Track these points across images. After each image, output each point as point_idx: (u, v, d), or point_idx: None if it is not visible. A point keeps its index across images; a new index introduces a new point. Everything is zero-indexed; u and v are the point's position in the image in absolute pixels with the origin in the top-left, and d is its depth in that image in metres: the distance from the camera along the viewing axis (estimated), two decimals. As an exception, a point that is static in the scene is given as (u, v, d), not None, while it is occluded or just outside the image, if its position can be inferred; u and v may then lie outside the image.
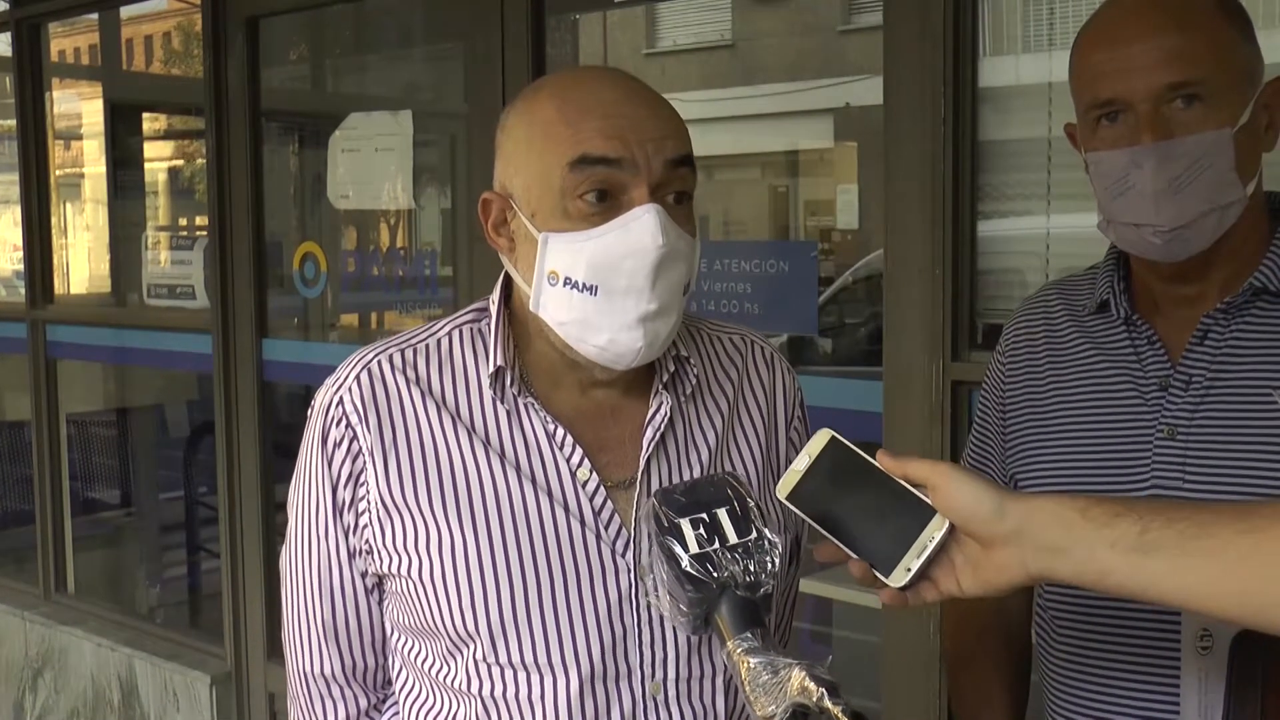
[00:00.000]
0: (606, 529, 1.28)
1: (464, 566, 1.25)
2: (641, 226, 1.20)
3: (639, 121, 1.23)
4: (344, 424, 1.30)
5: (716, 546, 1.10)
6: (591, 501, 1.28)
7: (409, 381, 1.31)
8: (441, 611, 1.26)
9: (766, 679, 1.02)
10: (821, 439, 1.17)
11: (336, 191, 3.82)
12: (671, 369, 1.33)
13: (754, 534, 1.11)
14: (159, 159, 5.31)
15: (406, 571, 1.27)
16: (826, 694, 0.98)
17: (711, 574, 1.08)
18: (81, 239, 5.10)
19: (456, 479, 1.28)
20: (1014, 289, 2.56)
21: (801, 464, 1.16)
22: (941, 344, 2.45)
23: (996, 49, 2.55)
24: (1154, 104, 1.31)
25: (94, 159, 5.09)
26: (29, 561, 4.84)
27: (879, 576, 1.12)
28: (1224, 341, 1.37)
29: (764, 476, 1.38)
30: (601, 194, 1.21)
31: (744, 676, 1.04)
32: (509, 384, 1.30)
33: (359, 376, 1.32)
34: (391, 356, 1.33)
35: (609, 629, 1.26)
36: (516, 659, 1.25)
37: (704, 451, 1.34)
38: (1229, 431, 1.33)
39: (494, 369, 1.29)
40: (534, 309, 1.27)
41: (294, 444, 1.37)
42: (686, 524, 1.11)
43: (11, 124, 4.74)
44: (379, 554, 1.30)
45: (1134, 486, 1.36)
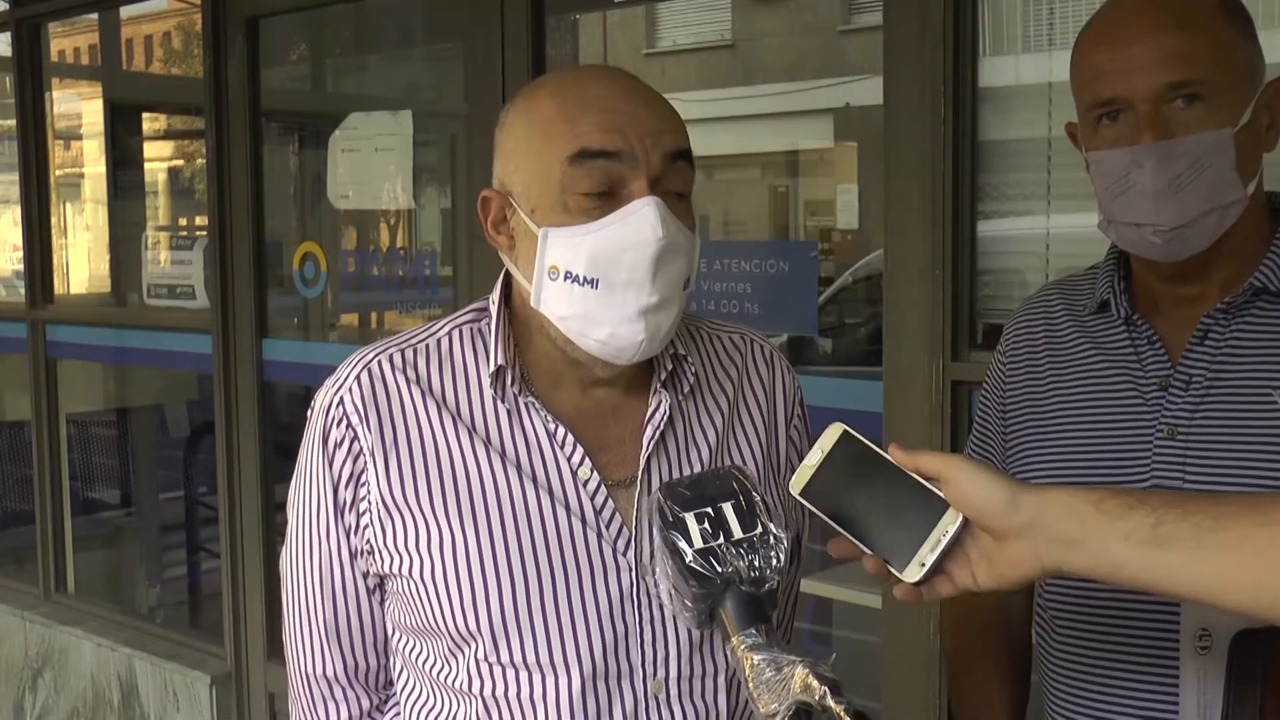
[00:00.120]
0: (607, 528, 1.28)
1: (465, 566, 1.25)
2: (641, 219, 1.20)
3: (637, 116, 1.23)
4: (344, 424, 1.30)
5: (721, 541, 1.09)
6: (592, 500, 1.28)
7: (409, 381, 1.31)
8: (443, 611, 1.26)
9: (770, 676, 1.01)
10: (834, 433, 1.15)
11: (336, 191, 3.81)
12: (669, 367, 1.33)
13: (759, 529, 1.10)
14: (159, 159, 5.31)
15: (408, 571, 1.27)
16: (829, 692, 0.97)
17: (716, 569, 1.07)
18: (81, 239, 5.10)
19: (457, 478, 1.28)
20: (1014, 289, 2.56)
21: (814, 459, 1.14)
22: (941, 344, 2.45)
23: (996, 49, 2.55)
24: (1154, 103, 1.31)
25: (94, 159, 5.09)
26: (29, 561, 4.84)
27: (893, 572, 1.10)
28: (1224, 341, 1.37)
29: (764, 475, 1.38)
30: (601, 187, 1.21)
31: (748, 673, 1.03)
32: (509, 383, 1.30)
33: (359, 377, 1.32)
34: (391, 356, 1.33)
35: (610, 627, 1.26)
36: (518, 658, 1.25)
37: (704, 450, 1.34)
38: (1229, 431, 1.34)
39: (494, 368, 1.29)
40: (535, 305, 1.27)
41: (294, 444, 1.37)
42: (691, 518, 1.10)
43: (11, 124, 4.74)
44: (380, 554, 1.30)
45: (1134, 486, 1.36)
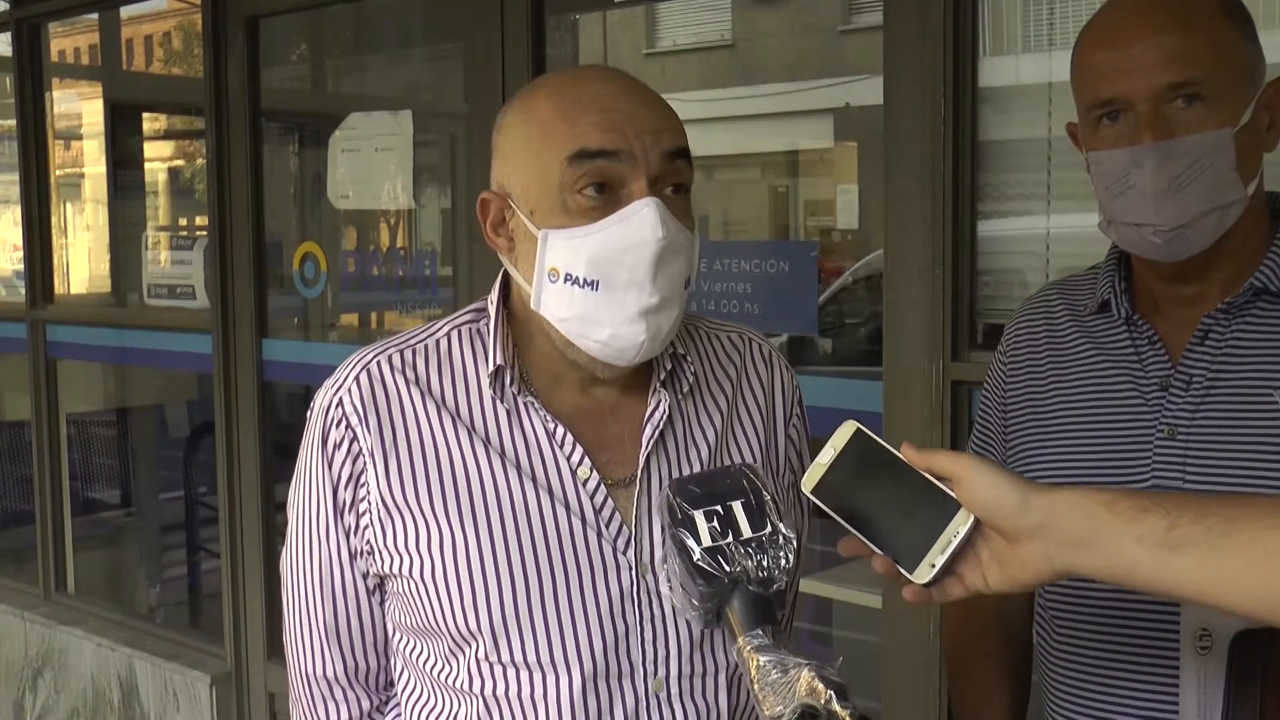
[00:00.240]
0: (607, 527, 1.28)
1: (465, 566, 1.25)
2: (641, 219, 1.20)
3: (635, 115, 1.23)
4: (344, 425, 1.30)
5: (730, 540, 1.08)
6: (592, 499, 1.28)
7: (409, 382, 1.31)
8: (443, 611, 1.26)
9: (775, 678, 1.00)
10: (846, 431, 1.13)
11: (336, 191, 3.81)
12: (668, 366, 1.33)
13: (768, 528, 1.08)
14: (159, 159, 5.31)
15: (408, 571, 1.27)
16: (835, 696, 0.96)
17: (724, 568, 1.06)
18: (81, 239, 5.10)
19: (457, 478, 1.28)
20: (1014, 289, 2.56)
21: (826, 457, 1.13)
22: (941, 344, 2.45)
23: (996, 49, 2.55)
24: (1154, 104, 1.31)
25: (94, 159, 5.08)
26: (29, 561, 4.84)
27: (903, 573, 1.09)
28: (1224, 342, 1.37)
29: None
30: (600, 187, 1.21)
31: (753, 674, 1.02)
32: (508, 383, 1.30)
33: (358, 377, 1.32)
34: (391, 357, 1.33)
35: (611, 626, 1.26)
36: (519, 658, 1.25)
37: (703, 449, 1.34)
38: (1229, 431, 1.33)
39: (493, 368, 1.29)
40: (535, 307, 1.27)
41: (294, 444, 1.37)
42: (700, 516, 1.09)
43: (11, 124, 4.74)
44: (380, 554, 1.29)
45: (1134, 486, 1.36)
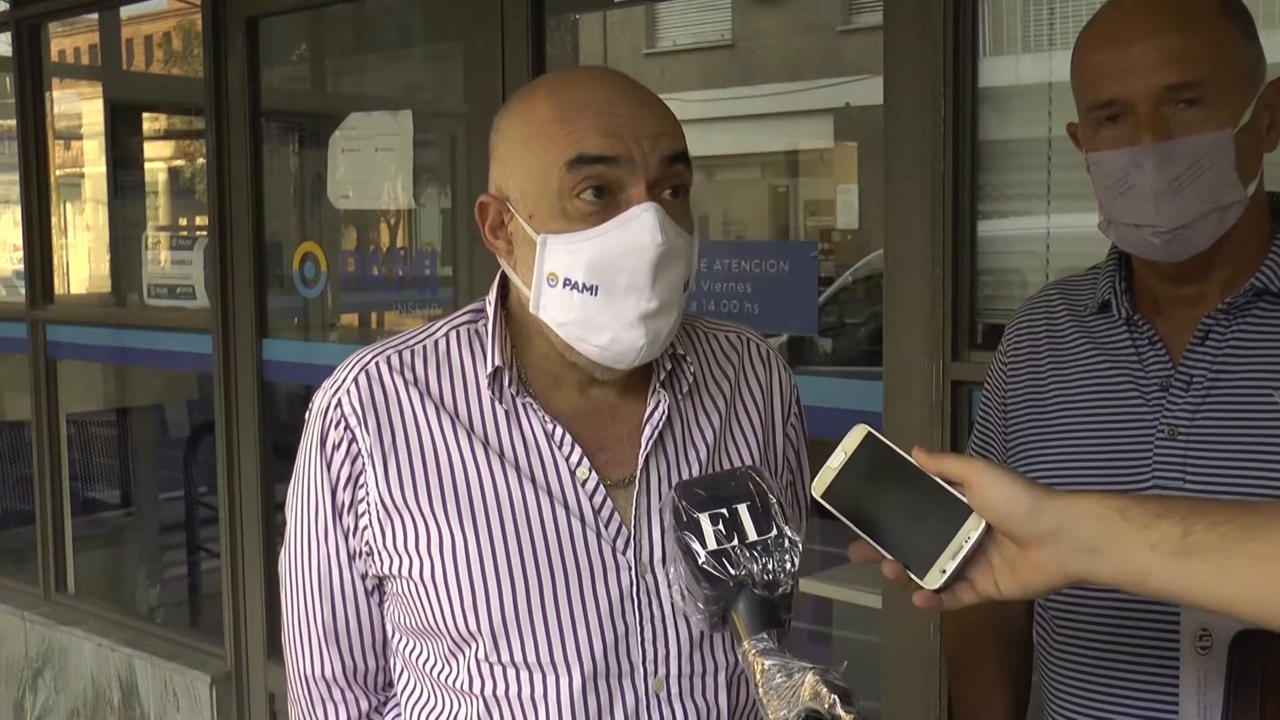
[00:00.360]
0: (606, 527, 1.28)
1: (465, 566, 1.25)
2: (640, 225, 1.20)
3: (634, 118, 1.23)
4: (343, 426, 1.30)
5: (735, 543, 1.07)
6: (591, 500, 1.28)
7: (407, 383, 1.31)
8: (443, 612, 1.26)
9: (780, 681, 0.99)
10: (857, 435, 1.13)
11: (336, 191, 3.81)
12: (668, 367, 1.33)
13: (774, 531, 1.08)
14: (159, 159, 5.31)
15: (407, 572, 1.27)
16: (839, 701, 0.96)
17: (729, 571, 1.06)
18: (81, 239, 5.10)
19: (456, 479, 1.28)
20: (1014, 289, 2.56)
21: (836, 461, 1.12)
22: (941, 344, 2.45)
23: (996, 49, 2.55)
24: (1154, 104, 1.31)
25: (94, 159, 5.08)
26: (29, 561, 4.84)
27: (913, 579, 1.08)
28: (1225, 342, 1.37)
29: None
30: (599, 191, 1.21)
31: (758, 678, 1.01)
32: (507, 384, 1.30)
33: (357, 378, 1.32)
34: (389, 358, 1.33)
35: (610, 626, 1.26)
36: (519, 658, 1.25)
37: (702, 449, 1.34)
38: (1230, 432, 1.33)
39: (492, 369, 1.29)
40: (534, 311, 1.27)
41: (294, 444, 1.37)
42: (706, 519, 1.08)
43: (11, 124, 4.74)
44: (379, 555, 1.29)
45: (1135, 486, 1.36)
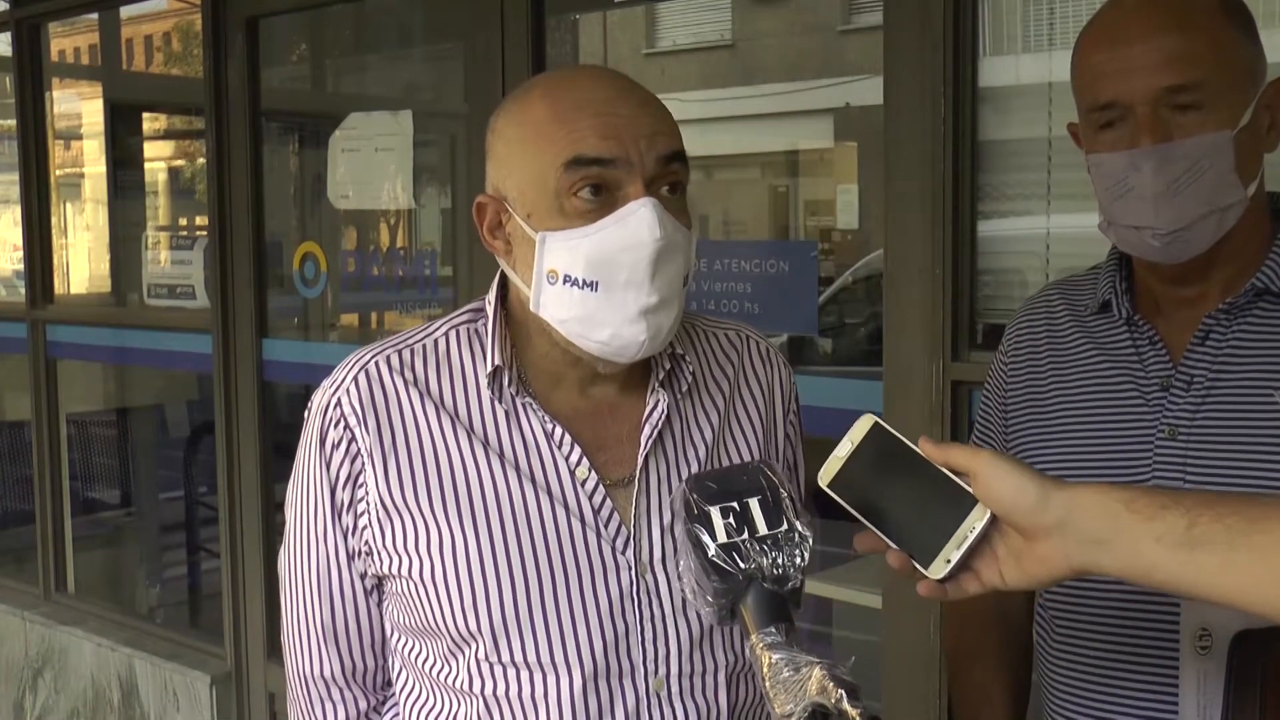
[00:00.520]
0: (606, 527, 1.28)
1: (465, 566, 1.25)
2: (638, 220, 1.20)
3: (631, 118, 1.23)
4: (342, 425, 1.30)
5: (745, 537, 1.07)
6: (591, 500, 1.28)
7: (407, 382, 1.31)
8: (443, 611, 1.26)
9: (787, 676, 0.99)
10: (864, 425, 1.13)
11: (336, 191, 3.81)
12: (667, 366, 1.33)
13: (785, 525, 1.08)
14: (159, 159, 5.31)
15: (407, 572, 1.27)
16: (846, 696, 0.96)
17: (738, 565, 1.05)
18: (81, 239, 5.10)
19: (456, 479, 1.28)
20: (1014, 289, 2.56)
21: (843, 450, 1.13)
22: (941, 344, 2.45)
23: (996, 49, 2.55)
24: (1153, 106, 1.30)
25: (94, 159, 5.08)
26: (29, 561, 4.84)
27: (918, 568, 1.09)
28: (1225, 342, 1.37)
29: None
30: (596, 188, 1.21)
31: (765, 672, 1.01)
32: (507, 384, 1.30)
33: (357, 378, 1.32)
34: (389, 357, 1.33)
35: (610, 626, 1.26)
36: (519, 658, 1.25)
37: (701, 448, 1.34)
38: (1230, 432, 1.33)
39: (491, 369, 1.29)
40: (534, 309, 1.27)
41: (294, 444, 1.37)
42: (716, 512, 1.08)
43: (11, 124, 4.74)
44: (379, 555, 1.29)
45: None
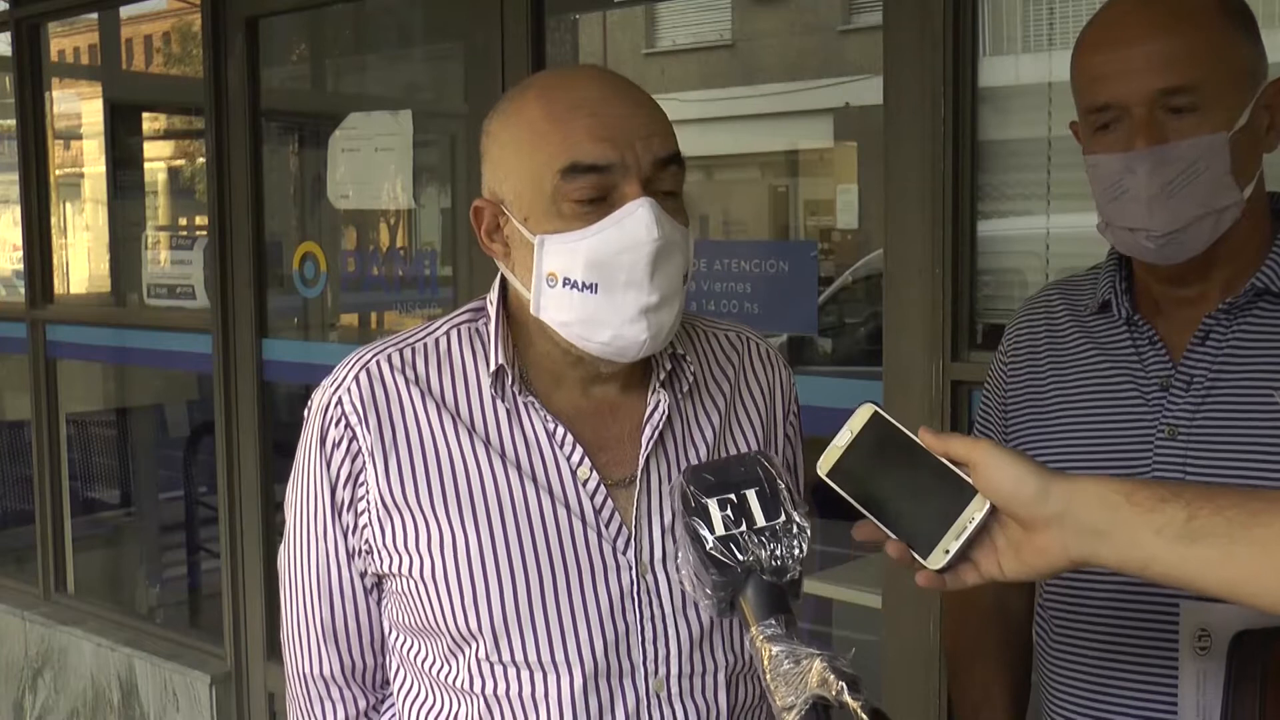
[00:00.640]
0: (607, 527, 1.28)
1: (466, 565, 1.25)
2: (636, 221, 1.20)
3: (627, 120, 1.23)
4: (343, 424, 1.30)
5: (743, 529, 1.06)
6: (592, 500, 1.28)
7: (408, 381, 1.31)
8: (443, 611, 1.26)
9: (788, 668, 0.98)
10: (864, 414, 1.13)
11: (336, 191, 3.81)
12: (668, 367, 1.34)
13: (783, 517, 1.07)
14: (159, 159, 5.31)
15: (408, 571, 1.27)
16: (846, 688, 0.95)
17: (736, 557, 1.05)
18: (81, 239, 5.10)
19: (457, 478, 1.28)
20: (1014, 289, 2.56)
21: (843, 439, 1.13)
22: (941, 344, 2.45)
23: (996, 49, 2.55)
24: (1148, 108, 1.30)
25: (94, 159, 5.08)
26: (29, 561, 4.84)
27: (917, 558, 1.09)
28: (1225, 342, 1.37)
29: None
30: (594, 194, 1.21)
31: (765, 664, 1.01)
32: (509, 383, 1.30)
33: (358, 376, 1.32)
34: (390, 356, 1.33)
35: (611, 626, 1.26)
36: (519, 657, 1.25)
37: (702, 448, 1.34)
38: (1230, 432, 1.33)
39: (494, 368, 1.29)
40: (535, 312, 1.27)
41: (294, 443, 1.37)
42: (714, 504, 1.07)
43: (11, 124, 4.74)
44: (379, 554, 1.30)
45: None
